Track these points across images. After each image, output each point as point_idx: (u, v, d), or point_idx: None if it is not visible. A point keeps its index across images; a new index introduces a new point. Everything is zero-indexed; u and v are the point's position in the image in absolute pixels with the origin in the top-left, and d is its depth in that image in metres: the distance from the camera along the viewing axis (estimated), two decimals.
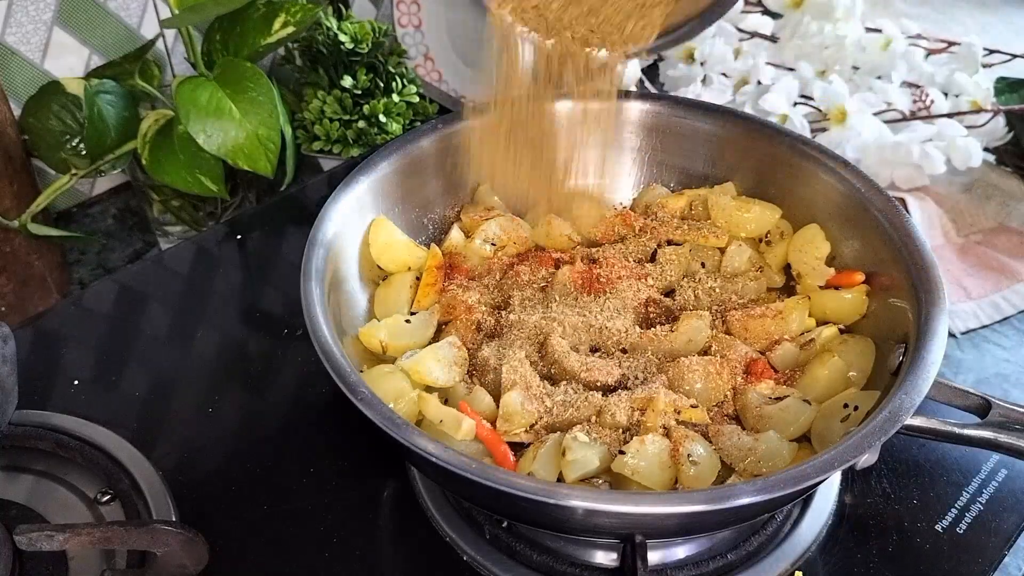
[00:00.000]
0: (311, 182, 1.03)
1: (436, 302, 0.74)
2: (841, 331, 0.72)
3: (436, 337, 0.72)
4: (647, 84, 1.16)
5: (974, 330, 0.89)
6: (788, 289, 0.78)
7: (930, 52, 1.15)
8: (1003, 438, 0.59)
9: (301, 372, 0.79)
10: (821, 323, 0.73)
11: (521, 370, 0.66)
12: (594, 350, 0.71)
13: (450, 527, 0.67)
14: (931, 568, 0.65)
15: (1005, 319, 0.89)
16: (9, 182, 0.96)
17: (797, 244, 0.76)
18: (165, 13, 1.05)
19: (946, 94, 1.08)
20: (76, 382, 0.78)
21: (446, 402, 0.66)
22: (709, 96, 1.12)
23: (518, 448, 0.64)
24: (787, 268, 0.78)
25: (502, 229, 0.80)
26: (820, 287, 0.74)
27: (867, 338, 0.69)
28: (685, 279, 0.77)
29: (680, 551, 0.65)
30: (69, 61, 1.05)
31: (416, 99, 1.13)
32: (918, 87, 1.09)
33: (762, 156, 0.80)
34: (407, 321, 0.72)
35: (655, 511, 0.52)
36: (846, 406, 0.62)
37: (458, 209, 0.84)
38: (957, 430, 0.59)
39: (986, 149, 1.03)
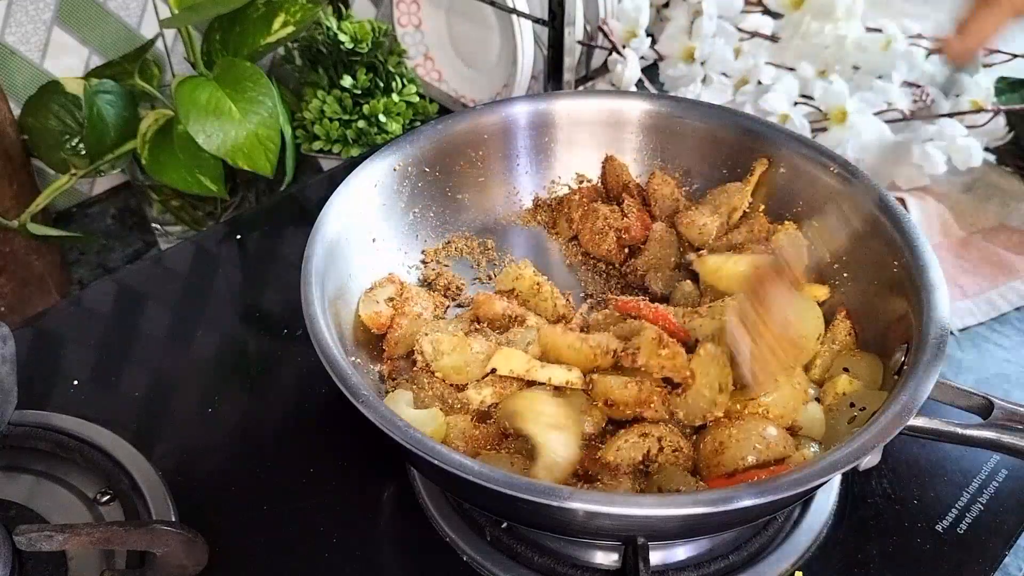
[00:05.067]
0: (311, 182, 1.03)
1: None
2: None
3: None
4: (647, 84, 1.16)
5: (971, 328, 0.89)
6: None
7: (931, 52, 1.15)
8: (1006, 438, 0.58)
9: (301, 372, 0.79)
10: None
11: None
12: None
13: (450, 528, 0.67)
14: (931, 568, 0.65)
15: (1005, 319, 0.89)
16: (9, 182, 0.96)
17: None
18: (165, 13, 1.05)
19: (946, 94, 1.08)
20: (76, 382, 0.78)
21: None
22: (709, 96, 1.12)
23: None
24: None
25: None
26: None
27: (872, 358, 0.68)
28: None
29: (681, 552, 0.65)
30: (69, 61, 1.05)
31: (416, 99, 1.13)
32: (918, 87, 1.09)
33: (762, 156, 0.80)
34: None
35: (657, 513, 0.52)
36: (852, 405, 0.62)
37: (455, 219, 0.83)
38: (960, 431, 0.59)
39: (986, 149, 1.03)
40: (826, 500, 0.69)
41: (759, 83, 1.10)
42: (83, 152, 0.97)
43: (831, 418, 0.64)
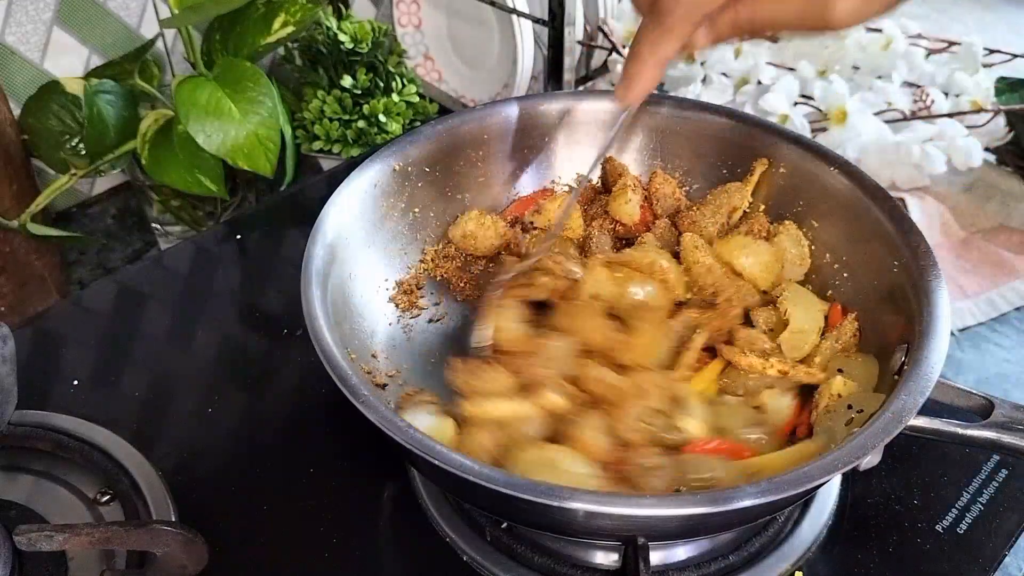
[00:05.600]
0: (311, 182, 1.03)
1: None
2: None
3: None
4: None
5: (971, 328, 0.89)
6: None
7: (930, 52, 1.15)
8: (1006, 439, 0.58)
9: (301, 372, 0.79)
10: None
11: None
12: None
13: (450, 528, 0.67)
14: (931, 568, 0.65)
15: (1005, 319, 0.89)
16: (9, 182, 0.96)
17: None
18: (165, 13, 1.05)
19: (946, 94, 1.08)
20: (76, 382, 0.78)
21: None
22: (709, 96, 1.12)
23: None
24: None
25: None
26: None
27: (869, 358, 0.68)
28: None
29: (681, 552, 0.65)
30: (69, 61, 1.05)
31: (416, 99, 1.13)
32: (918, 87, 1.09)
33: (762, 156, 0.80)
34: None
35: (658, 513, 0.52)
36: (850, 407, 0.62)
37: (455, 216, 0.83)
38: (960, 431, 0.59)
39: (987, 149, 1.03)
40: (826, 500, 0.69)
41: (759, 83, 1.10)
42: (83, 152, 0.97)
43: (828, 419, 0.64)
